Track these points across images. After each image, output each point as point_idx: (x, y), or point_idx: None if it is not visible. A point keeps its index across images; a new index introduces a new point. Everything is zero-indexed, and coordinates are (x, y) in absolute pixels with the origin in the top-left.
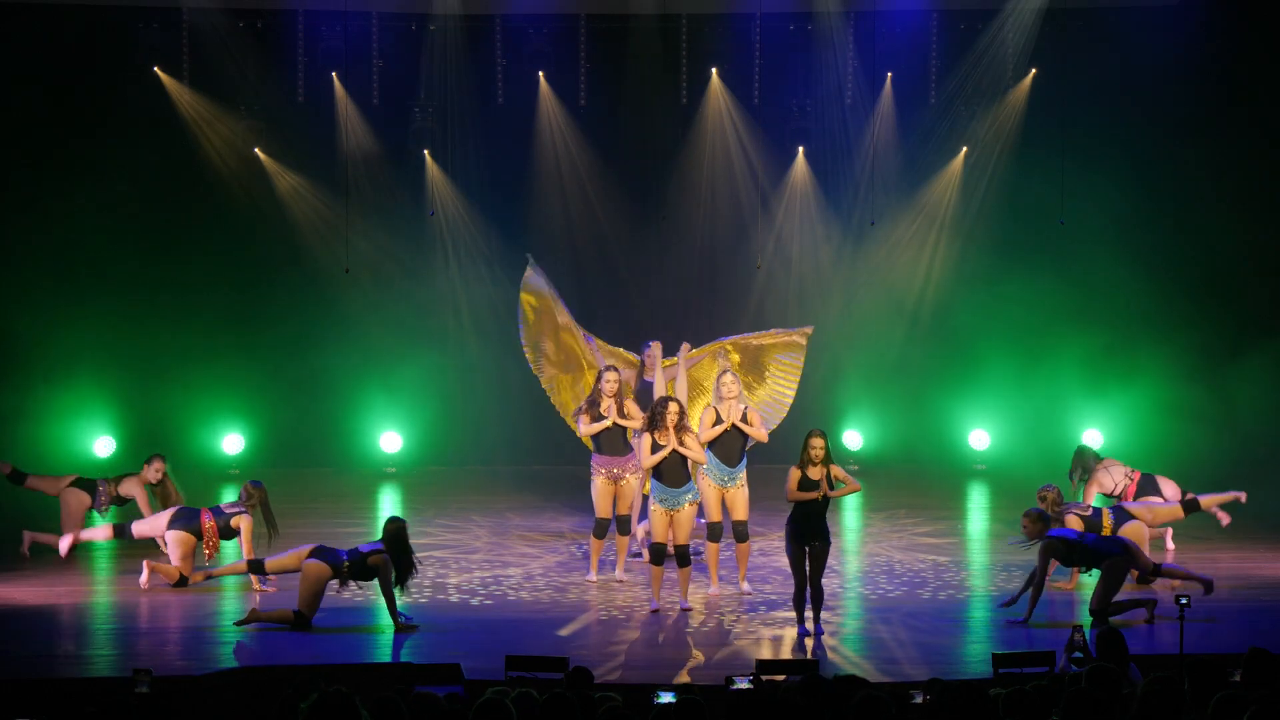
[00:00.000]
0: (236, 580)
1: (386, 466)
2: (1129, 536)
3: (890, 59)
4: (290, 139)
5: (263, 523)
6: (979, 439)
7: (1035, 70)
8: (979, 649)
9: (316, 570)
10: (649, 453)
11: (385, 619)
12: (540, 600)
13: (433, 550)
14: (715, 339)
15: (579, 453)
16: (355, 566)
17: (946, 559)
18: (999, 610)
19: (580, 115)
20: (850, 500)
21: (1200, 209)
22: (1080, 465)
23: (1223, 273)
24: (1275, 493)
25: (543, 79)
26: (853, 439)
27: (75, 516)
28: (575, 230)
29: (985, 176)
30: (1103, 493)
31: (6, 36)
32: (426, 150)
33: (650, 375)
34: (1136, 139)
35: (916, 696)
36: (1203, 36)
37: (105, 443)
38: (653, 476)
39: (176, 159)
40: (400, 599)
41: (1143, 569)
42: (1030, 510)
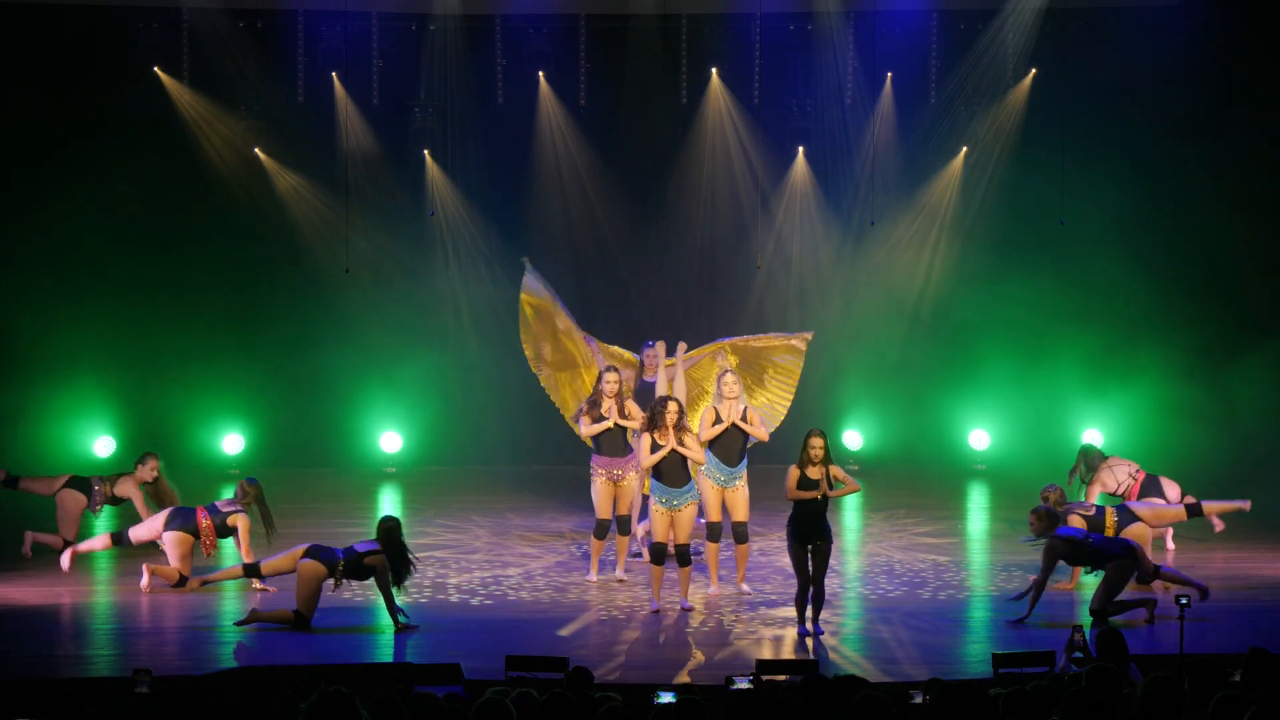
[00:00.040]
0: (236, 581)
1: (386, 466)
2: (1132, 537)
3: (890, 59)
4: (290, 139)
5: (259, 521)
6: (979, 439)
7: (1035, 70)
8: (979, 649)
9: (312, 570)
10: (648, 452)
11: (385, 619)
12: (540, 600)
13: (433, 550)
14: (715, 339)
15: (579, 453)
16: (351, 565)
17: (946, 559)
18: (1008, 603)
19: (580, 115)
20: (850, 500)
21: (1200, 209)
22: (1085, 464)
23: (1223, 273)
24: (1275, 493)
25: (543, 79)
26: (853, 439)
27: (72, 516)
28: (575, 230)
29: (985, 176)
30: (1106, 492)
31: (6, 36)
32: (426, 150)
33: (650, 375)
34: (1136, 139)
35: (916, 696)
36: (1203, 36)
37: (105, 443)
38: (653, 476)
39: (176, 159)
40: (400, 598)
41: (1144, 571)
42: (1038, 508)
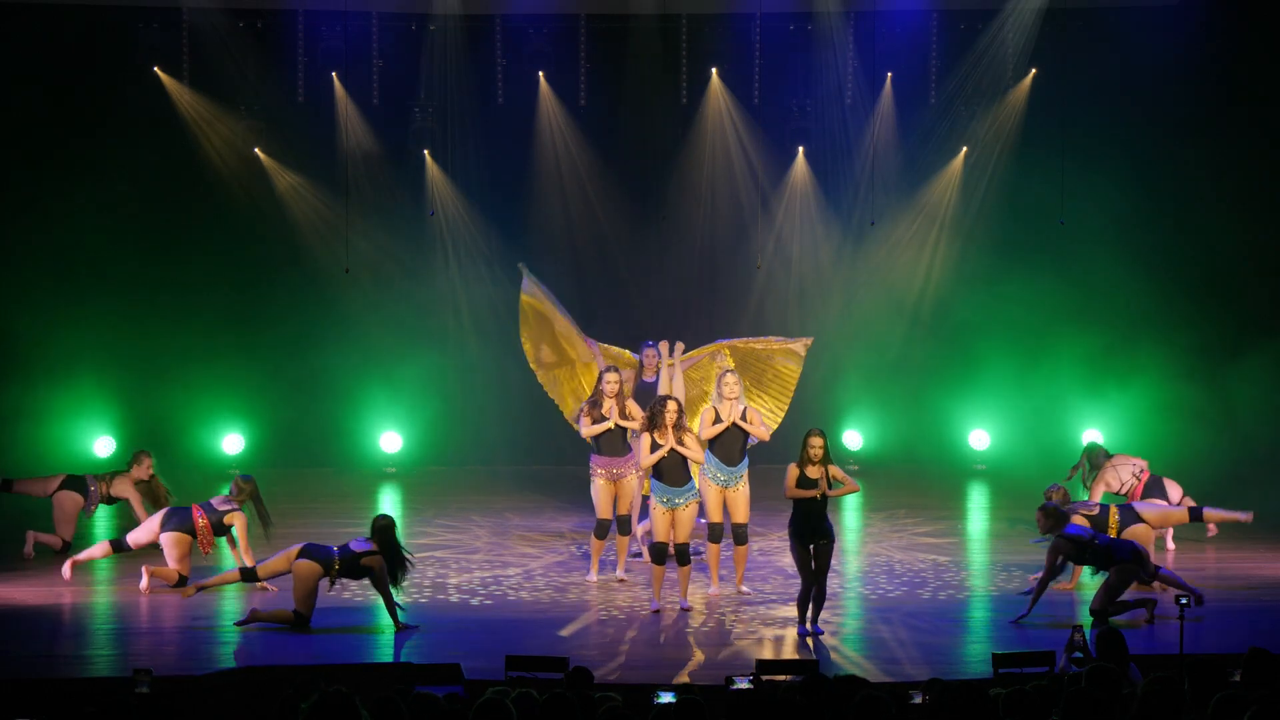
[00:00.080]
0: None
1: (386, 466)
2: (1135, 538)
3: (890, 59)
4: (290, 139)
5: (256, 518)
6: (979, 439)
7: (1035, 70)
8: (979, 649)
9: (308, 569)
10: (648, 452)
11: (385, 619)
12: (540, 600)
13: (433, 550)
14: (715, 340)
15: (579, 453)
16: (346, 564)
17: (946, 559)
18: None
19: (580, 115)
20: (850, 500)
21: (1200, 209)
22: (1089, 462)
23: (1223, 273)
24: (1275, 493)
25: (543, 79)
26: (853, 439)
27: (69, 516)
28: (575, 230)
29: (985, 176)
30: (1109, 491)
31: (6, 36)
32: (426, 150)
33: (649, 376)
34: (1136, 139)
35: (916, 697)
36: (1203, 36)
37: (105, 443)
38: (653, 476)
39: (176, 159)
40: (399, 598)
41: (1146, 573)
42: (1044, 506)
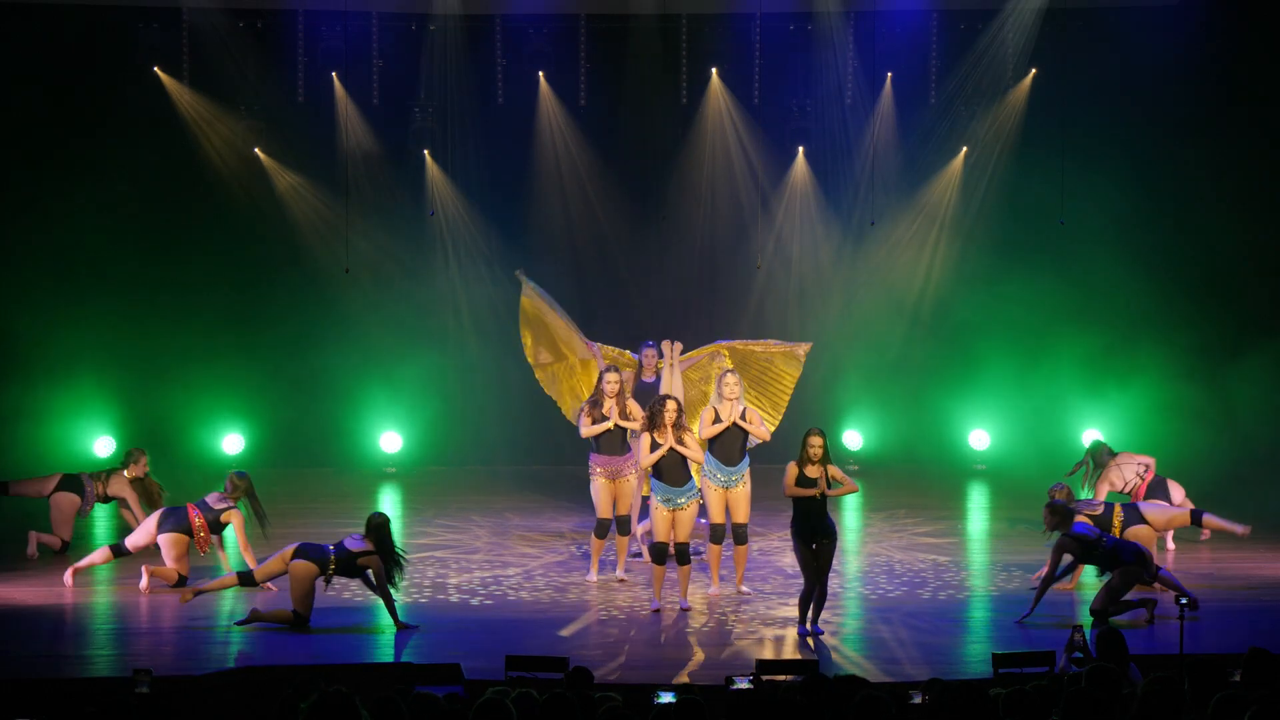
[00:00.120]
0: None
1: (386, 466)
2: (1138, 539)
3: (890, 59)
4: (290, 139)
5: (252, 515)
6: (979, 439)
7: (1035, 70)
8: (979, 649)
9: (304, 569)
10: (648, 452)
11: (385, 619)
12: (540, 600)
13: (433, 550)
14: (715, 340)
15: (579, 453)
16: (342, 562)
17: (946, 559)
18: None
19: (580, 115)
20: (850, 500)
21: (1200, 209)
22: (1093, 460)
23: (1223, 273)
24: (1275, 492)
25: (543, 79)
26: (853, 439)
27: (67, 517)
28: (575, 230)
29: (985, 176)
30: (1113, 490)
31: (6, 36)
32: (426, 150)
33: (648, 377)
34: (1136, 139)
35: (915, 697)
36: (1203, 36)
37: (105, 443)
38: (653, 476)
39: (176, 159)
40: (397, 597)
41: (1149, 575)
42: (1053, 503)
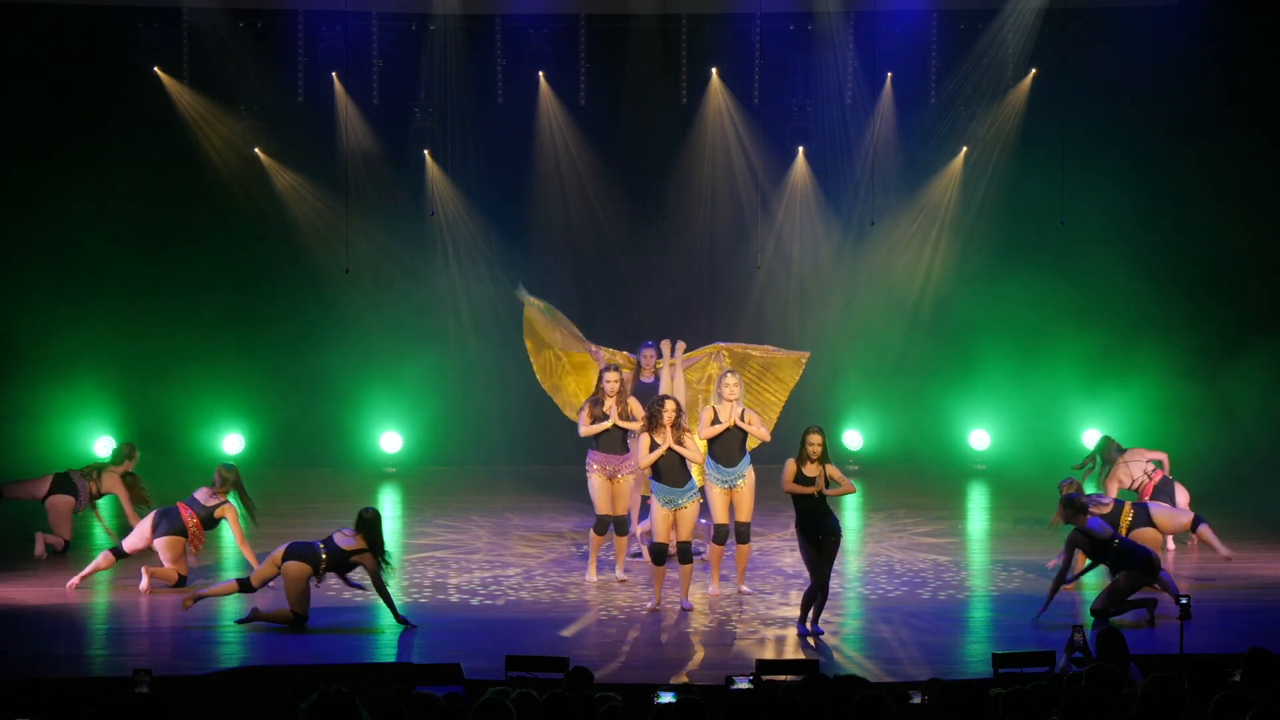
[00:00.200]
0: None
1: (386, 466)
2: (1144, 541)
3: (890, 59)
4: (290, 139)
5: (242, 507)
6: (979, 439)
7: (1035, 70)
8: (979, 649)
9: (297, 570)
10: (646, 452)
11: (385, 619)
12: (540, 600)
13: (433, 550)
14: (714, 341)
15: (579, 453)
16: (334, 559)
17: (946, 559)
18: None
19: (580, 115)
20: (850, 500)
21: (1200, 209)
22: (1102, 456)
23: (1223, 273)
24: (1275, 492)
25: (543, 79)
26: (853, 439)
27: (65, 518)
28: (575, 230)
29: (985, 176)
30: (1122, 487)
31: (6, 36)
32: (426, 150)
33: (647, 377)
34: (1136, 139)
35: (915, 697)
36: (1203, 36)
37: (105, 442)
38: (652, 477)
39: (176, 159)
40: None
41: (1154, 579)
42: (1070, 497)
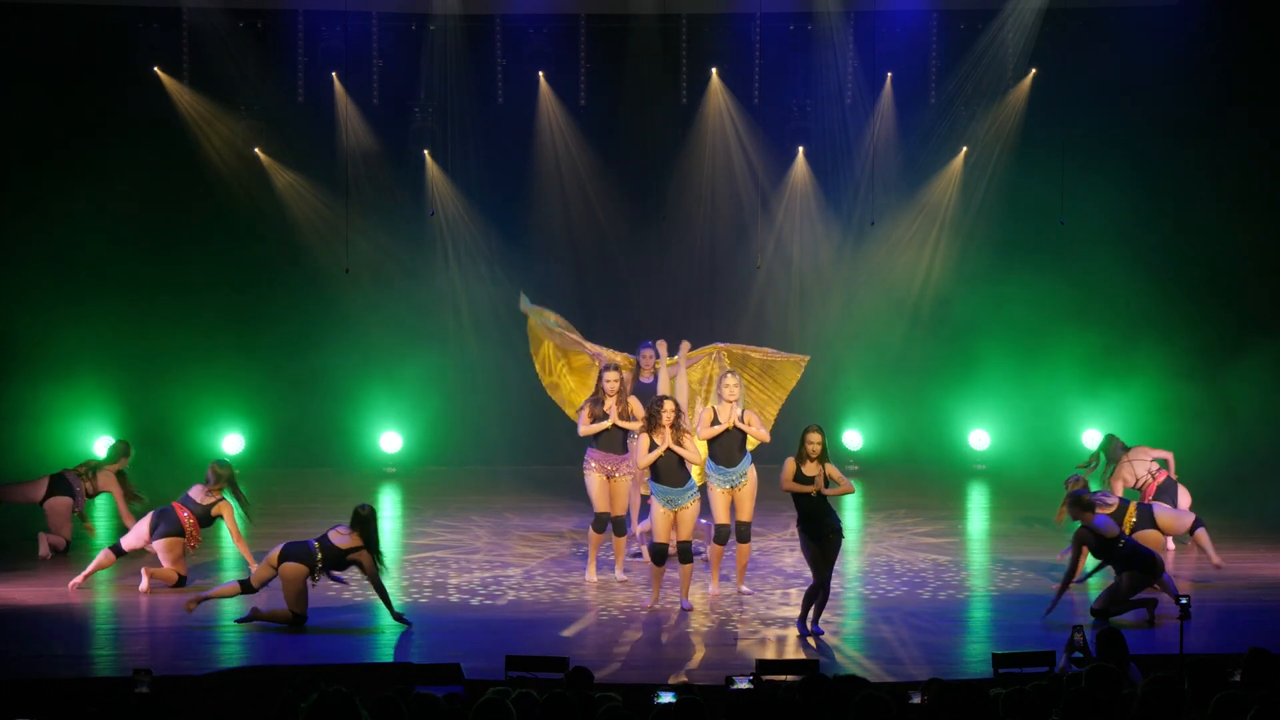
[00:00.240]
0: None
1: (386, 466)
2: (1146, 542)
3: (890, 59)
4: (290, 139)
5: (237, 504)
6: (979, 439)
7: (1035, 70)
8: (979, 649)
9: (293, 571)
10: (645, 452)
11: (385, 619)
12: (540, 600)
13: (433, 550)
14: (713, 342)
15: (578, 452)
16: (329, 557)
17: (946, 559)
18: (1048, 618)
19: (580, 115)
20: (850, 500)
21: (1200, 209)
22: (1106, 455)
23: (1223, 273)
24: (1275, 492)
25: (543, 79)
26: (853, 439)
27: (63, 519)
28: (575, 230)
29: (985, 176)
30: (1126, 486)
31: (6, 36)
32: (426, 150)
33: (646, 377)
34: (1136, 139)
35: (915, 697)
36: (1203, 36)
37: (105, 443)
38: (651, 478)
39: (176, 159)
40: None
41: (1157, 581)
42: (1077, 494)
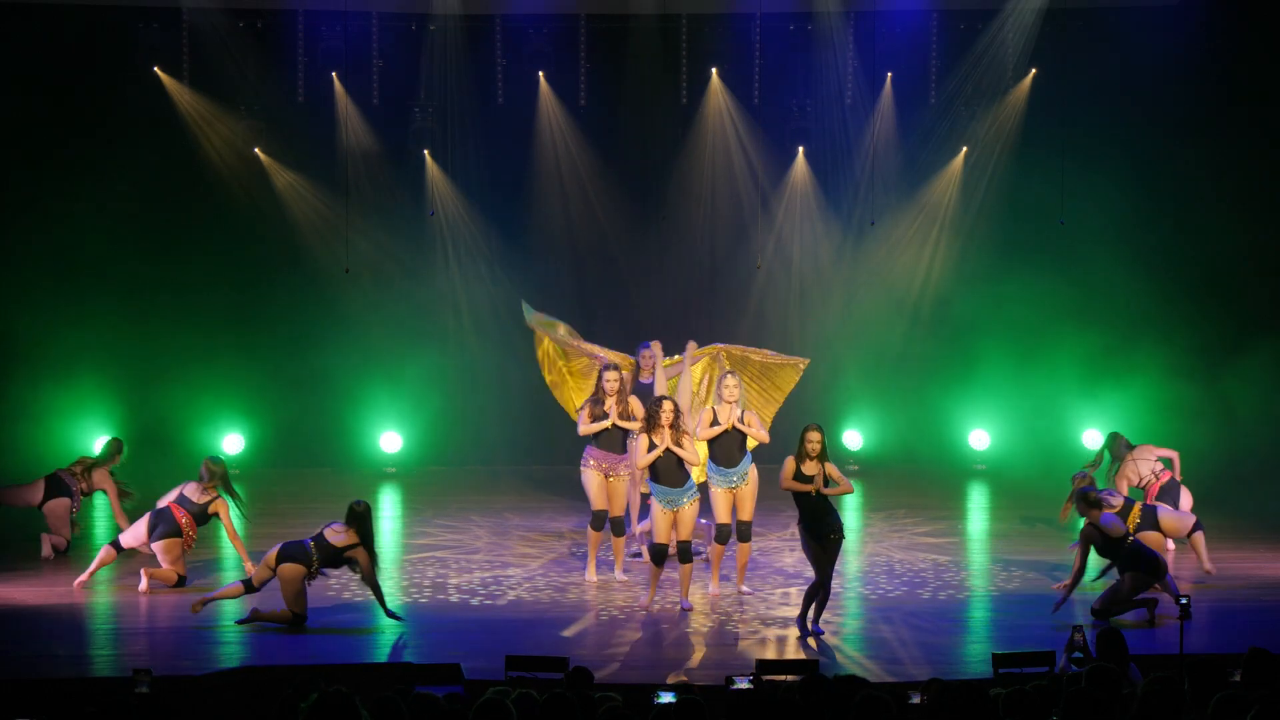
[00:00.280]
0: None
1: (386, 466)
2: (1148, 543)
3: (890, 59)
4: (290, 139)
5: (232, 501)
6: (979, 439)
7: (1035, 70)
8: (979, 649)
9: (291, 571)
10: (644, 452)
11: (385, 619)
12: (540, 600)
13: (433, 550)
14: (713, 342)
15: (578, 453)
16: (325, 555)
17: (946, 559)
18: (1054, 616)
19: (580, 115)
20: (850, 500)
21: (1200, 209)
22: (1110, 453)
23: (1223, 273)
24: (1275, 492)
25: (543, 79)
26: (853, 438)
27: (62, 520)
28: (575, 230)
29: (985, 176)
30: (1130, 485)
31: (6, 36)
32: (426, 150)
33: (646, 377)
34: (1136, 139)
35: (914, 697)
36: (1203, 36)
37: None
38: (650, 479)
39: (176, 159)
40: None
41: (1158, 582)
42: (1084, 491)
